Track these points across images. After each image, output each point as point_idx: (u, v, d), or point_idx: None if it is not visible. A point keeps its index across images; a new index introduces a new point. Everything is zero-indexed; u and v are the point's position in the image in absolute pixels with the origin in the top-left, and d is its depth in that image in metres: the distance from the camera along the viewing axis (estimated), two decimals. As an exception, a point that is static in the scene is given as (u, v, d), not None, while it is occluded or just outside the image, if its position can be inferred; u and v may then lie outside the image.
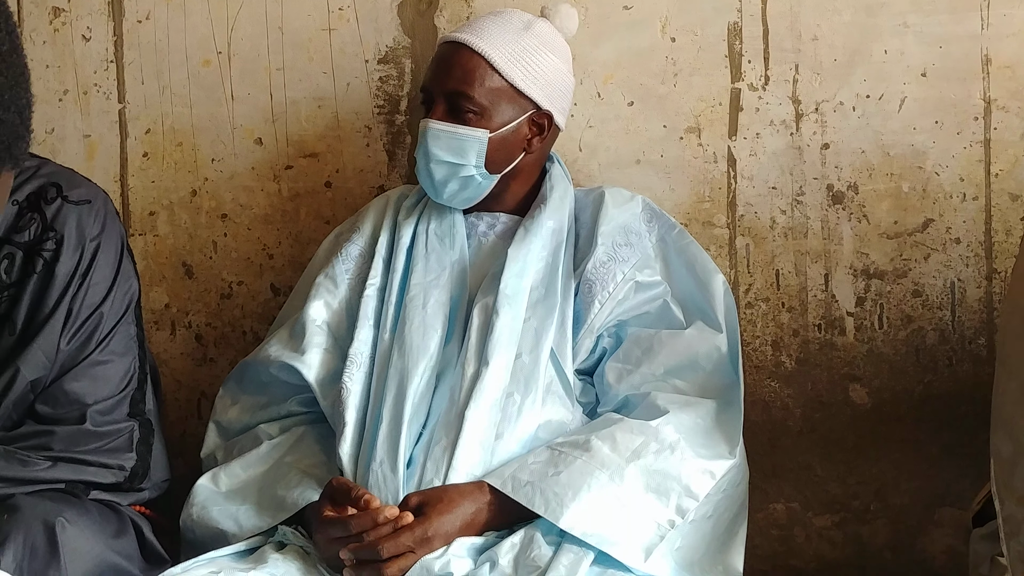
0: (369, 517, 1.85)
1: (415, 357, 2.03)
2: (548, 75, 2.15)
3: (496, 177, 2.15)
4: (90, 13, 2.52)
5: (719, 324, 2.11)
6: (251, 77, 2.49)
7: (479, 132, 2.11)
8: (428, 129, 2.12)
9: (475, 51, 2.11)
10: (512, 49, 2.13)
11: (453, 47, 2.14)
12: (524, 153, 2.16)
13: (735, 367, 2.10)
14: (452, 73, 2.12)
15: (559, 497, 1.88)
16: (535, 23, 2.18)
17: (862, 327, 2.38)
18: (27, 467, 1.88)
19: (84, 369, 1.95)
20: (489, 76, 2.12)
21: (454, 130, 2.11)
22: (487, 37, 2.13)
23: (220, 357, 2.52)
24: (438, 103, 2.12)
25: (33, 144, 2.54)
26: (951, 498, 2.36)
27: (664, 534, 1.89)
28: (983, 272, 2.34)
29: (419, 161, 2.14)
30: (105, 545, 1.87)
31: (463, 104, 2.10)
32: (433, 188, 2.15)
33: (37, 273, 1.94)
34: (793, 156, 2.37)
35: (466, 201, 2.18)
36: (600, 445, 1.94)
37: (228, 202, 2.51)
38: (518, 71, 2.13)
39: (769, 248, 2.39)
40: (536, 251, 2.12)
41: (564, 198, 2.20)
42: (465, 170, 2.12)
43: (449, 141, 2.11)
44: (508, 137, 2.14)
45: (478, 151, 2.11)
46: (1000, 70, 2.31)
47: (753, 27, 2.36)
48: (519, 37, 2.14)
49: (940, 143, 2.33)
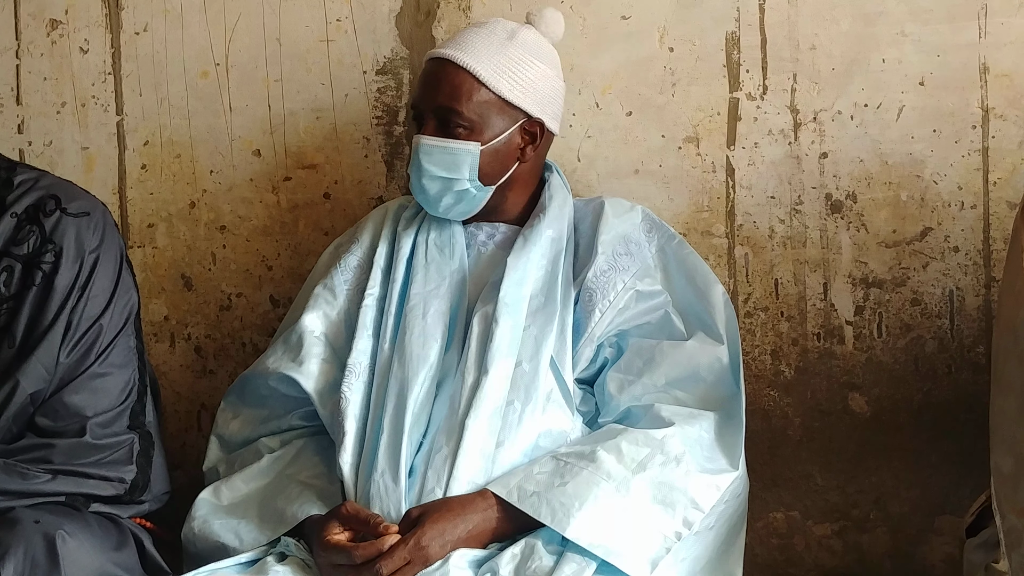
0: (375, 548, 1.85)
1: (415, 367, 2.03)
2: (536, 83, 2.15)
3: (491, 189, 2.15)
4: (87, 25, 2.52)
5: (720, 335, 2.11)
6: (249, 89, 2.49)
7: (470, 146, 2.11)
8: (420, 145, 2.12)
9: (460, 66, 2.11)
10: (498, 61, 2.13)
11: (438, 63, 2.14)
12: (518, 163, 2.16)
13: (736, 378, 2.10)
14: (440, 89, 2.12)
15: (565, 507, 1.87)
16: (519, 31, 2.18)
17: (861, 336, 2.38)
18: (27, 480, 1.88)
19: (83, 382, 1.95)
20: (476, 90, 2.12)
21: (445, 144, 2.11)
22: (472, 51, 2.13)
23: (220, 369, 2.52)
24: (428, 119, 2.13)
25: (31, 156, 2.57)
26: (951, 506, 2.36)
27: (670, 546, 1.89)
28: (982, 280, 2.34)
29: (412, 176, 2.14)
30: (106, 558, 1.87)
31: (453, 119, 2.11)
32: (428, 202, 2.16)
33: (36, 285, 1.94)
34: (791, 165, 2.38)
35: (463, 213, 2.18)
36: (606, 456, 1.94)
37: (227, 214, 2.51)
38: (505, 82, 2.12)
39: (768, 257, 2.39)
40: (535, 260, 2.12)
41: (563, 207, 2.20)
42: (459, 184, 2.12)
43: (441, 156, 2.11)
44: (500, 148, 2.14)
45: (471, 164, 2.11)
46: (998, 78, 2.32)
47: (751, 36, 2.37)
48: (504, 48, 2.14)
49: (938, 152, 2.34)
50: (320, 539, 1.90)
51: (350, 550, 1.86)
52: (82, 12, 2.52)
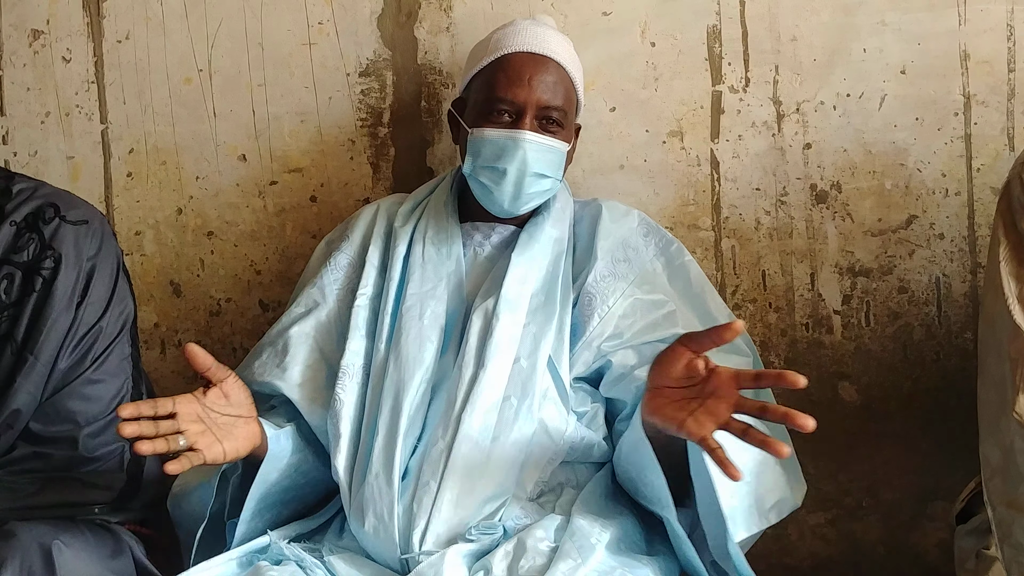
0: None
1: (411, 369, 2.03)
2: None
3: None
4: (69, 35, 2.52)
5: (743, 348, 2.11)
6: (233, 94, 2.49)
7: (564, 145, 2.14)
8: (526, 142, 2.09)
9: (561, 65, 2.14)
10: (576, 62, 2.18)
11: (540, 60, 2.13)
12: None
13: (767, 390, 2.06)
14: (547, 88, 2.11)
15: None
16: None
17: (849, 325, 2.39)
18: (16, 495, 1.88)
19: (77, 387, 1.95)
20: (571, 91, 2.16)
21: (552, 144, 2.12)
22: (561, 51, 2.15)
23: (210, 374, 2.52)
24: (527, 114, 2.10)
25: (17, 166, 2.56)
26: (942, 492, 2.37)
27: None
28: (968, 267, 2.35)
29: (509, 173, 2.09)
30: (103, 566, 1.87)
31: (555, 118, 2.11)
32: (514, 198, 2.12)
33: (36, 292, 1.94)
34: (776, 157, 2.38)
35: (526, 210, 2.17)
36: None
37: (214, 219, 2.51)
38: (580, 84, 2.19)
39: (755, 249, 2.40)
40: (539, 259, 2.13)
41: (565, 209, 2.21)
42: (552, 183, 2.14)
43: (547, 155, 2.11)
44: (570, 149, 2.18)
45: (561, 164, 2.15)
46: (979, 65, 2.33)
47: (732, 29, 2.37)
48: (571, 48, 2.19)
49: (921, 140, 2.35)
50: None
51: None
52: (64, 21, 2.52)
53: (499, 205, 2.14)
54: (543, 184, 2.13)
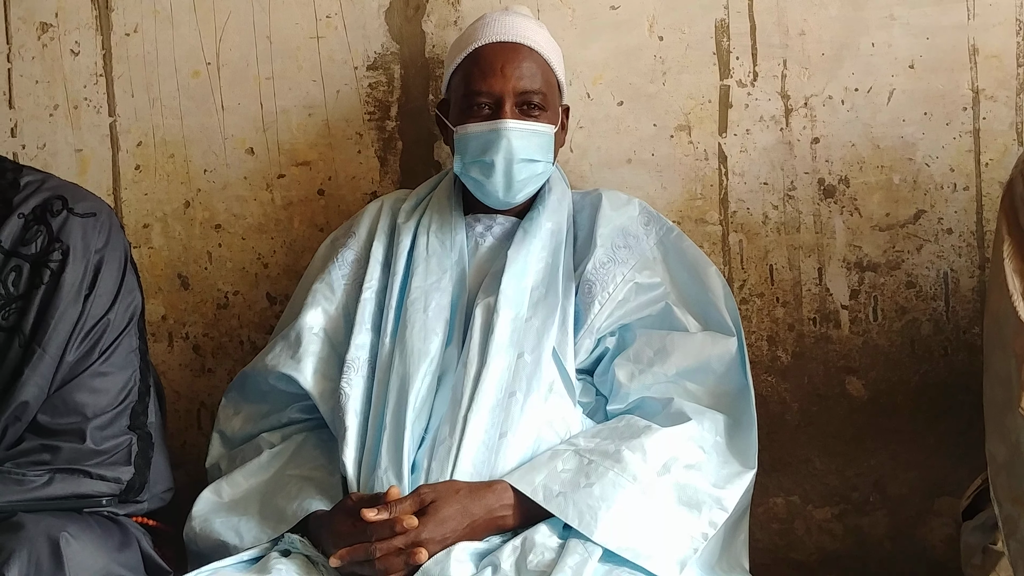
0: (388, 526, 1.85)
1: (416, 361, 2.04)
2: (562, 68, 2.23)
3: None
4: (78, 27, 2.52)
5: (729, 327, 2.12)
6: (241, 87, 2.49)
7: (549, 128, 2.15)
8: (508, 130, 2.10)
9: (534, 50, 2.15)
10: (551, 45, 2.20)
11: (511, 48, 2.14)
12: (557, 145, 2.21)
13: (744, 369, 2.11)
14: (521, 73, 2.12)
15: (592, 510, 1.87)
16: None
17: (857, 320, 2.38)
18: (24, 487, 1.88)
19: (85, 379, 1.96)
20: (548, 73, 2.17)
21: (535, 127, 2.12)
22: (532, 35, 2.16)
23: (218, 367, 2.52)
24: (505, 103, 2.11)
25: (25, 160, 2.57)
26: (949, 487, 2.37)
27: (698, 547, 1.89)
28: (976, 261, 2.35)
29: (497, 164, 2.11)
30: (110, 559, 1.88)
31: (534, 102, 2.12)
32: (508, 187, 2.13)
33: (44, 284, 1.95)
34: (783, 151, 2.38)
35: (524, 199, 2.18)
36: (631, 456, 1.94)
37: (221, 212, 2.52)
38: (560, 66, 2.20)
39: (762, 244, 2.40)
40: (536, 252, 2.13)
41: (562, 200, 2.21)
42: (543, 166, 2.15)
43: (533, 139, 2.12)
44: (558, 131, 2.19)
45: (550, 146, 2.15)
46: (987, 59, 2.32)
47: (740, 23, 2.37)
48: (546, 33, 2.21)
49: (929, 134, 2.34)
50: (330, 532, 1.90)
51: (364, 548, 1.85)
52: (72, 14, 2.52)
53: (494, 197, 2.15)
54: (534, 168, 2.13)
